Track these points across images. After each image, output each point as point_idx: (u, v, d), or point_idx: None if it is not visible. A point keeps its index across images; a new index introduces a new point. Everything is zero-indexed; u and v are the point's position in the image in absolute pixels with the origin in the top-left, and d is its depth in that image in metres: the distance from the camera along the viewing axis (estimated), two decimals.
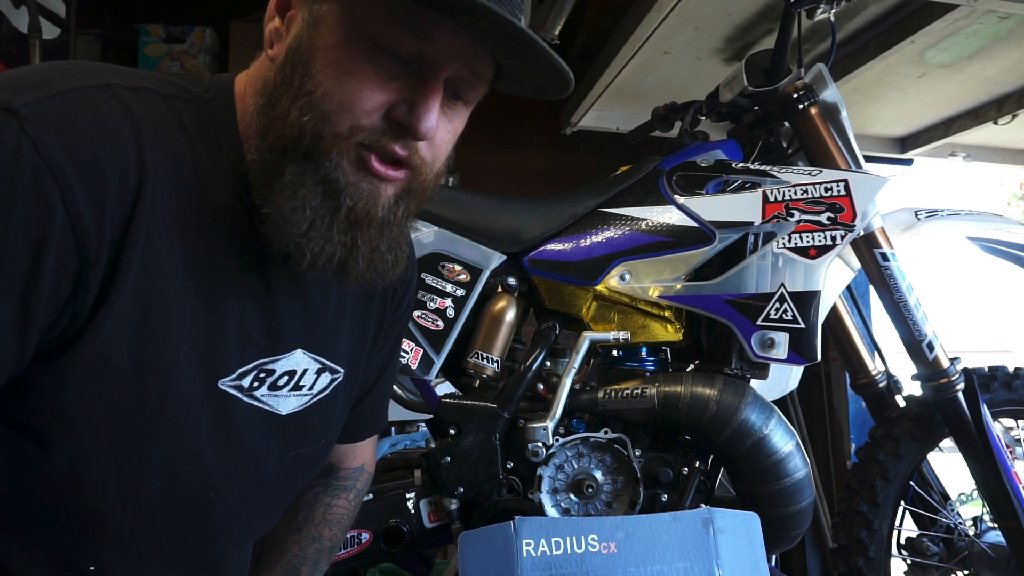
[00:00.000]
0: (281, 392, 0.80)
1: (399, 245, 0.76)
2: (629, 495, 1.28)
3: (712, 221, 1.30)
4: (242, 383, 0.75)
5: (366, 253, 0.72)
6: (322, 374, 0.85)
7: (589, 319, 1.34)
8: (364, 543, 1.28)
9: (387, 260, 0.75)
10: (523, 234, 1.35)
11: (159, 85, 0.71)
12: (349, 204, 0.69)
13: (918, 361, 1.37)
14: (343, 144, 0.68)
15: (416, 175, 0.73)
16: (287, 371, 0.80)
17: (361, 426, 1.04)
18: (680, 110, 1.52)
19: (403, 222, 0.76)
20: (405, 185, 0.73)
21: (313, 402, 0.84)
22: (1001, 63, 1.96)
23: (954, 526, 1.49)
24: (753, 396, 1.24)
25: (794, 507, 1.25)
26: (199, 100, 0.73)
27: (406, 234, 0.78)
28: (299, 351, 0.80)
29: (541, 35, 1.91)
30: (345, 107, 0.67)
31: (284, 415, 0.81)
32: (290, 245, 0.69)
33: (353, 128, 0.68)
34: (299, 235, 0.69)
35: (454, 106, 0.74)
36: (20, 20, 1.95)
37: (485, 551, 1.05)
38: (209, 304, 0.71)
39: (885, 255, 1.34)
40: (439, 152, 0.75)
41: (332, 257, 0.70)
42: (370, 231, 0.72)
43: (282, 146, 0.69)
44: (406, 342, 1.30)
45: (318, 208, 0.69)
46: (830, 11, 1.36)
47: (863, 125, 2.49)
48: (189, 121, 0.70)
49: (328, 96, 0.67)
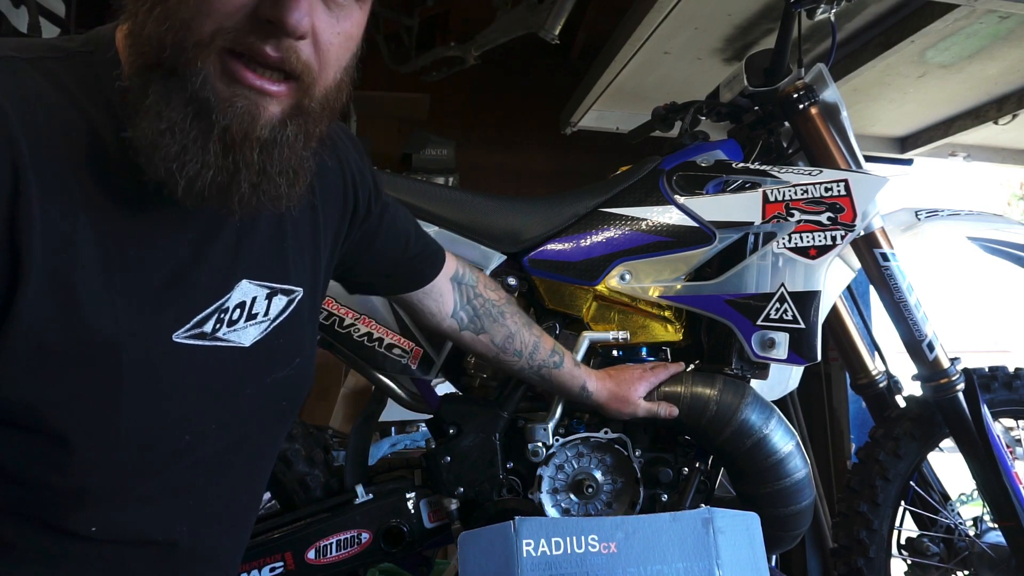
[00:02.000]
0: (238, 325, 0.77)
1: (294, 168, 0.70)
2: (629, 495, 1.28)
3: (712, 221, 1.30)
4: (204, 329, 0.73)
5: (249, 177, 0.66)
6: (274, 298, 0.82)
7: (589, 319, 1.34)
8: (364, 543, 1.28)
9: (277, 184, 0.69)
10: (523, 234, 1.35)
11: (24, 49, 0.65)
12: (223, 123, 0.63)
13: (918, 361, 1.37)
14: (206, 52, 0.61)
15: (303, 86, 0.67)
16: (238, 304, 0.77)
17: (426, 270, 1.12)
18: (680, 110, 1.52)
19: (296, 143, 0.69)
20: (293, 102, 0.67)
21: (274, 326, 0.83)
22: (1001, 63, 1.96)
23: (954, 526, 1.49)
24: (753, 396, 1.24)
25: (794, 507, 1.25)
26: (75, 56, 0.67)
27: (304, 158, 0.71)
28: (243, 281, 0.78)
29: (541, 35, 1.92)
30: (203, 9, 0.61)
31: (248, 346, 0.79)
32: (161, 171, 0.63)
33: (216, 32, 0.61)
34: (170, 159, 0.62)
35: (339, 2, 0.67)
36: (20, 20, 1.95)
37: (485, 551, 1.06)
38: (136, 264, 0.67)
39: (885, 255, 1.34)
40: (328, 57, 0.68)
41: (209, 183, 0.64)
42: (252, 153, 0.65)
43: (143, 63, 0.62)
44: (406, 342, 1.30)
45: (188, 130, 0.62)
46: (830, 11, 1.36)
47: (863, 125, 2.49)
48: (69, 80, 0.65)
49: (184, 1, 0.61)
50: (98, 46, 0.69)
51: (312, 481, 1.32)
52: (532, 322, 1.23)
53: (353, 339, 1.29)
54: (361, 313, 1.30)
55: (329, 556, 1.26)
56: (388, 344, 1.30)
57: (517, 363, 1.22)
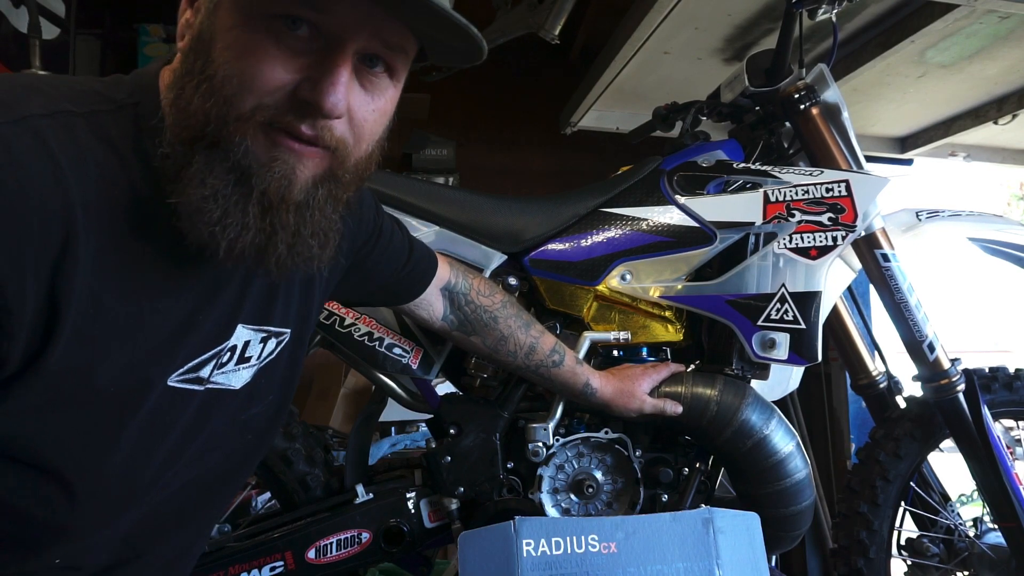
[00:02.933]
0: (227, 368, 0.80)
1: (324, 231, 0.73)
2: (629, 495, 1.28)
3: (713, 221, 1.30)
4: (200, 374, 0.76)
5: (285, 239, 0.69)
6: (268, 341, 0.85)
7: (590, 319, 1.34)
8: (364, 543, 1.28)
9: (310, 246, 0.72)
10: (524, 234, 1.35)
11: (79, 102, 0.67)
12: (261, 187, 0.66)
13: (919, 362, 1.37)
14: (246, 126, 0.65)
15: (337, 158, 0.70)
16: (230, 348, 0.80)
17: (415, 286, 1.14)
18: (681, 110, 1.52)
19: (325, 207, 0.72)
20: (325, 167, 0.70)
21: (260, 367, 0.85)
22: (1001, 63, 1.96)
23: (954, 527, 1.49)
24: (754, 397, 1.24)
25: (794, 508, 1.25)
26: (124, 108, 0.69)
27: (334, 221, 0.74)
28: (239, 327, 0.80)
29: (541, 35, 1.92)
30: (245, 87, 0.64)
31: (238, 388, 0.82)
32: (205, 234, 0.66)
33: (256, 108, 0.65)
34: (212, 223, 0.66)
35: (375, 82, 0.70)
36: (20, 20, 1.95)
37: (485, 551, 1.05)
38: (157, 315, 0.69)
39: (886, 255, 1.34)
40: (363, 133, 0.71)
41: (249, 244, 0.67)
42: (288, 215, 0.69)
43: (188, 136, 0.66)
44: (407, 342, 1.30)
45: (230, 195, 0.66)
46: (832, 11, 1.36)
47: (863, 125, 2.49)
48: (116, 134, 0.67)
49: (228, 78, 0.64)
50: (144, 96, 0.71)
51: (312, 481, 1.32)
52: (532, 323, 1.24)
53: (354, 339, 1.29)
54: (362, 313, 1.30)
55: (329, 556, 1.26)
56: (389, 344, 1.30)
57: (512, 362, 1.23)
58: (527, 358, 1.22)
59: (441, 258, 1.20)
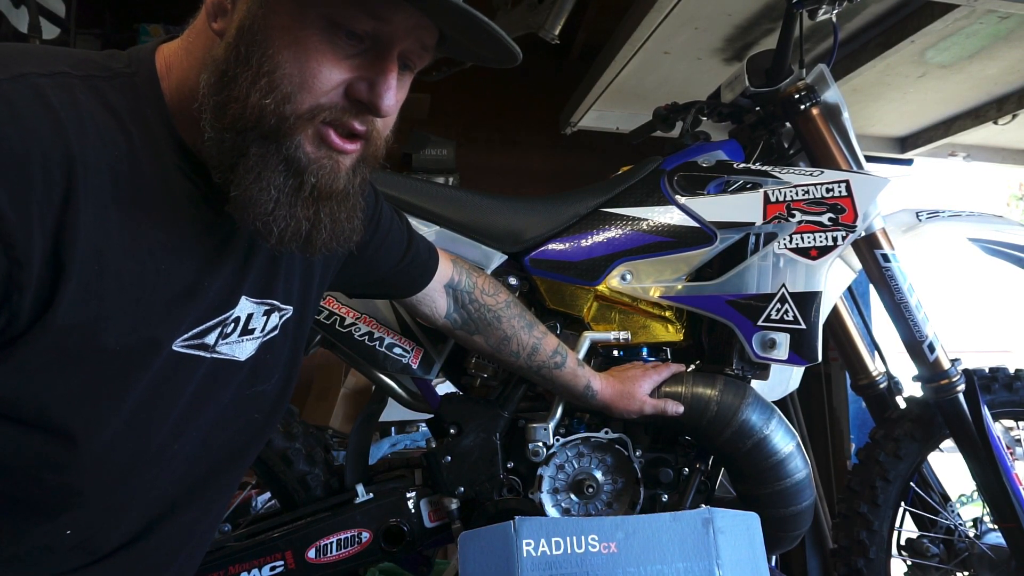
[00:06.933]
0: (231, 339, 0.82)
1: (356, 213, 0.79)
2: (629, 495, 1.28)
3: (713, 221, 1.30)
4: (205, 340, 0.77)
5: (328, 225, 0.75)
6: (271, 315, 0.87)
7: (590, 319, 1.34)
8: (364, 543, 1.28)
9: (346, 228, 0.78)
10: (524, 234, 1.35)
11: (77, 65, 0.69)
12: (312, 181, 0.72)
13: (919, 362, 1.37)
14: (306, 124, 0.70)
15: (370, 145, 0.76)
16: (234, 319, 0.82)
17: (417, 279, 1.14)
18: (682, 110, 1.52)
19: (359, 190, 0.79)
20: (360, 155, 0.76)
21: (264, 341, 0.87)
22: (1001, 63, 1.96)
23: (954, 527, 1.49)
24: (754, 397, 1.24)
25: (794, 508, 1.25)
26: (121, 76, 0.72)
27: (360, 201, 0.81)
28: (242, 299, 0.82)
29: (542, 35, 1.92)
30: (306, 87, 0.69)
31: (243, 360, 0.84)
32: (257, 223, 0.71)
33: (315, 108, 0.70)
34: (266, 214, 0.71)
35: (403, 77, 0.77)
36: (20, 20, 1.95)
37: (485, 551, 1.06)
38: (162, 277, 0.71)
39: (886, 256, 1.34)
40: (391, 120, 0.78)
41: (298, 232, 0.73)
42: (332, 204, 0.75)
43: (242, 126, 0.69)
44: (407, 341, 1.30)
45: (282, 187, 0.71)
46: (832, 12, 1.36)
47: (863, 125, 2.49)
48: (115, 100, 0.69)
49: (289, 77, 0.68)
50: (139, 68, 0.73)
51: (312, 480, 1.32)
52: (535, 323, 1.24)
53: (354, 338, 1.29)
54: (362, 312, 1.30)
55: (329, 555, 1.26)
56: (389, 343, 1.30)
57: (515, 363, 1.23)
58: (529, 359, 1.22)
59: (445, 255, 1.20)
